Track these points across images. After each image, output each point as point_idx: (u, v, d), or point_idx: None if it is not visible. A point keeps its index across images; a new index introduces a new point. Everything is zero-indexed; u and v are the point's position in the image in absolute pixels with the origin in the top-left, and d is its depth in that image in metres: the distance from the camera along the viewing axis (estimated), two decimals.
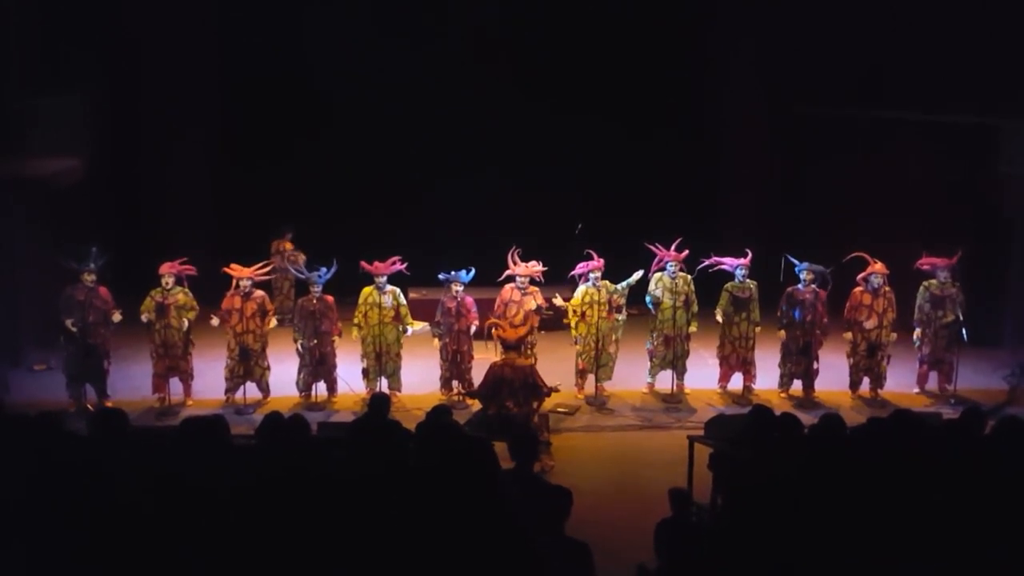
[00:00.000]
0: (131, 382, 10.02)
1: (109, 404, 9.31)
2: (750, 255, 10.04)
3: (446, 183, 12.83)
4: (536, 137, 13.14)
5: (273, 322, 9.97)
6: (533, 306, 9.87)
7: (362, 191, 13.20)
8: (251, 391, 9.79)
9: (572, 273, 10.06)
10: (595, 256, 9.95)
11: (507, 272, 9.98)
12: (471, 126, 13.13)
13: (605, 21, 13.35)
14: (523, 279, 9.94)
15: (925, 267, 10.15)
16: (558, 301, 10.06)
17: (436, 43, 13.03)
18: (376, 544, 4.34)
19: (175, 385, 9.79)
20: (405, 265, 9.92)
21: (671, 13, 13.44)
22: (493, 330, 8.97)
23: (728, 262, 10.04)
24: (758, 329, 10.09)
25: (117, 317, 9.61)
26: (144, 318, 9.59)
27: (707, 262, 10.08)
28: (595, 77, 13.33)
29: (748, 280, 10.04)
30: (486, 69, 13.12)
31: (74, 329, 9.41)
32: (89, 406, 9.41)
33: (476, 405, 8.77)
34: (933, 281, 10.13)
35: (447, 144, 13.18)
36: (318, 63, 12.76)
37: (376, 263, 9.85)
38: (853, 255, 10.03)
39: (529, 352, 9.42)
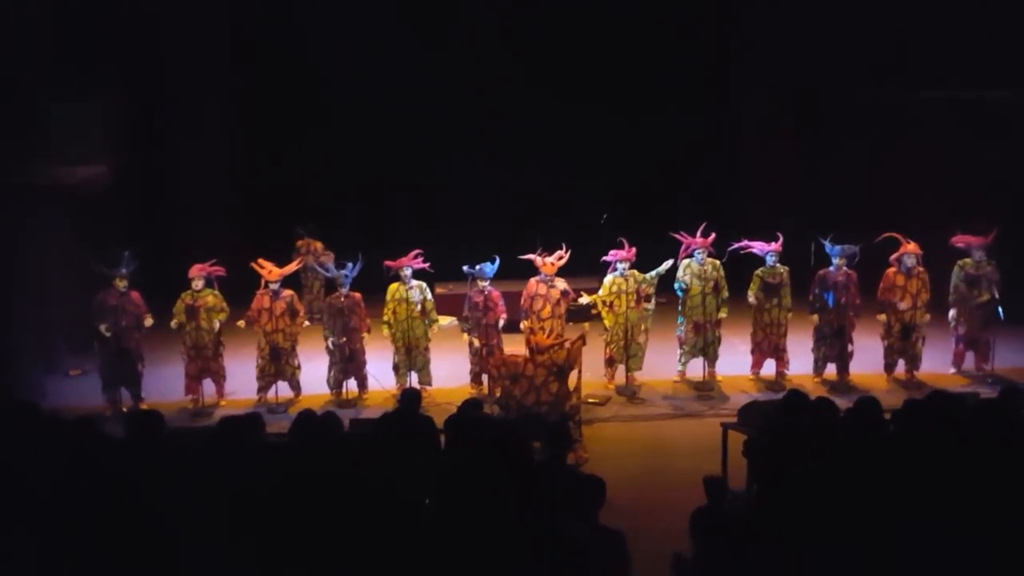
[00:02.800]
0: (164, 384, 10.11)
1: (144, 407, 9.41)
2: (781, 239, 9.92)
3: (466, 173, 12.86)
4: (555, 124, 13.12)
5: (305, 322, 10.04)
6: (560, 291, 9.83)
7: (383, 185, 13.24)
8: (283, 390, 9.85)
9: (604, 259, 9.99)
10: (626, 244, 9.88)
11: (529, 256, 9.91)
12: (490, 116, 13.12)
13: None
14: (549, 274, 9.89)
15: (960, 244, 9.99)
16: (584, 299, 10.00)
17: (454, 31, 13.05)
18: (411, 537, 4.34)
19: (208, 386, 9.88)
20: (428, 264, 9.92)
21: None
22: (528, 336, 8.89)
23: (758, 246, 9.93)
24: (790, 315, 9.98)
25: (149, 321, 9.70)
26: (173, 324, 9.68)
27: (737, 245, 9.98)
28: (616, 59, 13.29)
29: (779, 265, 9.93)
30: (503, 56, 13.10)
31: (108, 334, 9.51)
32: (125, 409, 9.52)
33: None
34: (968, 260, 9.96)
35: (465, 135, 13.19)
36: (335, 58, 12.82)
37: (399, 259, 9.87)
38: (886, 235, 9.88)
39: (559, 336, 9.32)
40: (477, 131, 13.21)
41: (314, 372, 10.04)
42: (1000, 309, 9.71)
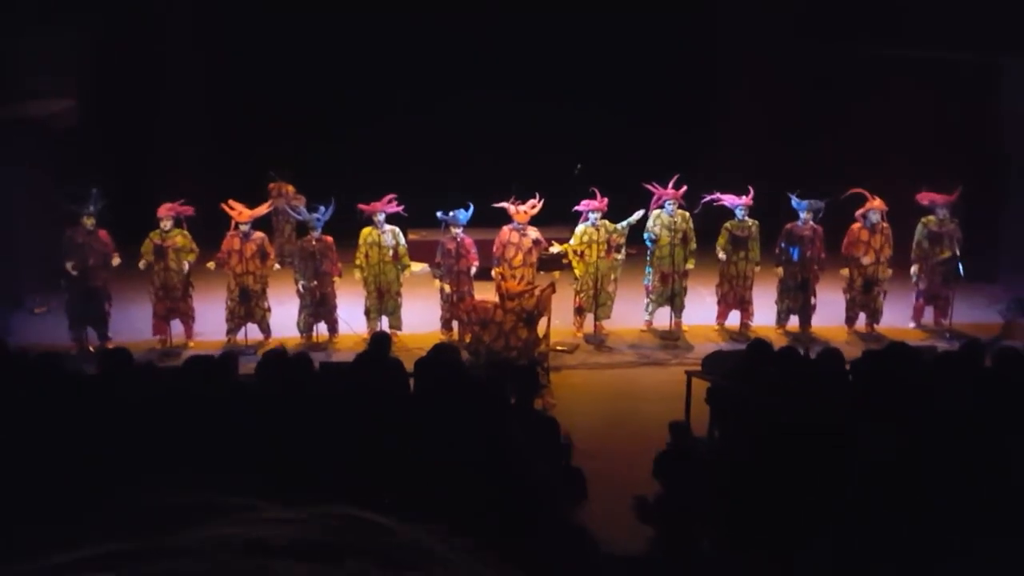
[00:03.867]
0: (132, 324, 10.05)
1: (111, 346, 9.38)
2: (752, 193, 10.02)
3: (440, 115, 12.77)
4: (535, 71, 13.03)
5: (276, 265, 10.02)
6: (532, 240, 9.88)
7: (357, 125, 13.07)
8: (252, 332, 9.85)
9: (575, 208, 10.04)
10: (598, 195, 9.92)
11: (504, 205, 9.93)
12: (466, 50, 13.00)
13: None
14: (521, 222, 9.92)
15: (924, 202, 10.16)
16: (555, 248, 10.05)
17: None
18: (379, 477, 4.43)
19: (176, 327, 9.86)
20: (402, 208, 9.90)
21: None
22: (499, 281, 8.94)
23: (728, 199, 10.03)
24: (758, 268, 10.13)
25: (117, 261, 9.63)
26: (142, 264, 9.62)
27: (708, 198, 10.07)
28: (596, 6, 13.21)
29: (748, 219, 10.04)
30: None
31: (74, 272, 9.43)
32: (91, 348, 9.48)
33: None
34: (931, 217, 10.15)
35: (439, 75, 13.06)
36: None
37: (373, 203, 9.85)
38: (852, 191, 10.02)
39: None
40: (457, 72, 13.06)
41: (284, 315, 10.05)
42: (961, 266, 9.92)
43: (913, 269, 10.25)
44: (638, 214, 10.04)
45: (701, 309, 10.58)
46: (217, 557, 0.55)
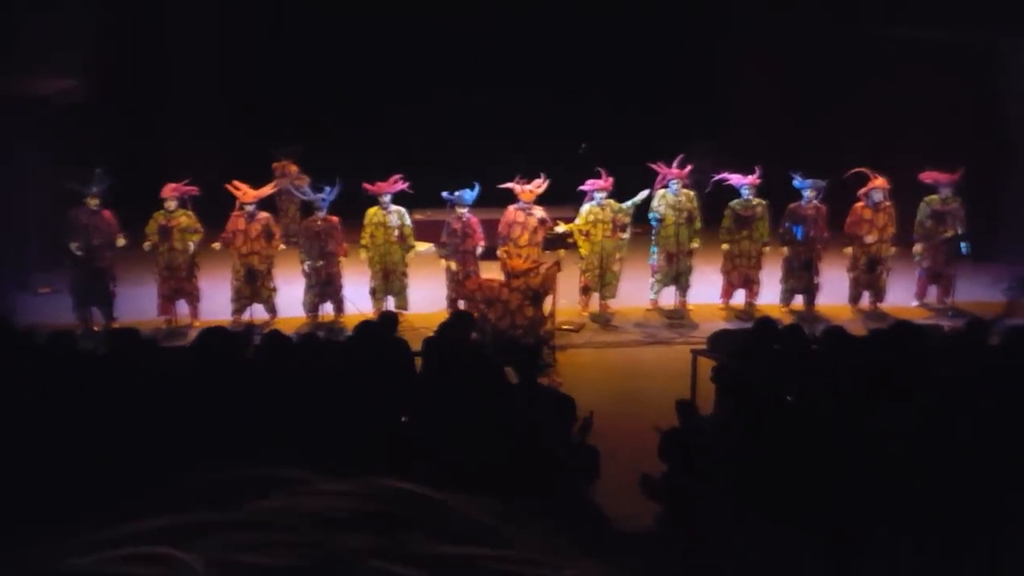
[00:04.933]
0: (137, 304, 10.06)
1: (116, 326, 9.41)
2: (758, 172, 10.00)
3: (445, 96, 12.73)
4: (540, 50, 12.99)
5: (281, 245, 10.03)
6: (538, 219, 9.88)
7: (363, 105, 13.04)
8: (258, 312, 9.88)
9: (580, 188, 10.04)
10: (604, 175, 9.92)
11: (509, 185, 9.93)
12: (470, 36, 12.96)
13: None
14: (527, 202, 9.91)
15: (928, 180, 10.15)
16: (560, 228, 10.06)
17: None
18: (387, 453, 4.46)
19: (182, 307, 9.88)
20: (408, 184, 9.90)
21: None
22: (505, 259, 8.96)
23: (734, 179, 10.02)
24: (767, 249, 10.12)
25: (121, 241, 9.63)
26: (146, 246, 9.62)
27: (718, 176, 10.07)
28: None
29: (754, 199, 10.02)
30: None
31: (79, 252, 9.44)
32: (96, 328, 9.51)
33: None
34: (935, 196, 10.14)
35: (444, 55, 13.02)
36: None
37: (378, 183, 9.85)
38: (855, 170, 10.00)
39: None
40: (461, 53, 13.02)
41: (290, 295, 10.07)
42: (964, 245, 9.92)
43: (916, 248, 10.26)
44: (643, 194, 10.04)
45: (706, 288, 10.60)
46: (283, 529, 0.55)
